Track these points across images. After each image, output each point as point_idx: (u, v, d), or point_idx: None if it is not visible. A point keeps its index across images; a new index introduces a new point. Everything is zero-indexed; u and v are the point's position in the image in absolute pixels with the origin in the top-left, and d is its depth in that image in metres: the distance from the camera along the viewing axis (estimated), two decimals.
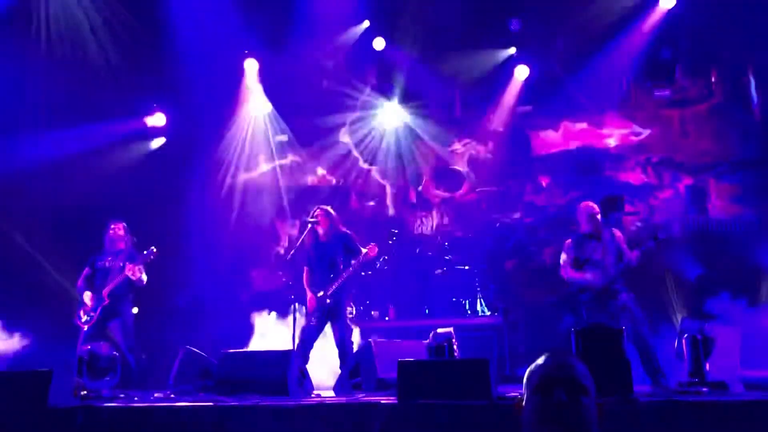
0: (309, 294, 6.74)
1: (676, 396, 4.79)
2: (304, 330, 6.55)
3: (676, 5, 9.14)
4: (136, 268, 7.11)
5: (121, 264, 7.22)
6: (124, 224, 7.51)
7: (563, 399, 2.02)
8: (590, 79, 9.63)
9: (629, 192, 9.72)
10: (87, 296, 7.15)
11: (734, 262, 8.74)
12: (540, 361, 2.13)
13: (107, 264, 7.32)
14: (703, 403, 4.53)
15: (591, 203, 6.80)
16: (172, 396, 5.67)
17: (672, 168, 9.65)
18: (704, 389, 4.94)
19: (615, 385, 4.60)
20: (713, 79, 9.51)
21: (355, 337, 6.94)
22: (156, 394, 5.95)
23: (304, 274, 6.91)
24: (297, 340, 6.38)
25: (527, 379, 2.12)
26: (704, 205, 9.54)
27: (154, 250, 7.16)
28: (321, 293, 6.65)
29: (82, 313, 7.11)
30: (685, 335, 5.22)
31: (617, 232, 6.64)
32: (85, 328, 7.02)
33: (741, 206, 9.32)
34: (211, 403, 4.90)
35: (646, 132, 9.82)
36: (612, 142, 9.95)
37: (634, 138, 9.87)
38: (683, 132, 9.56)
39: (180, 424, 4.80)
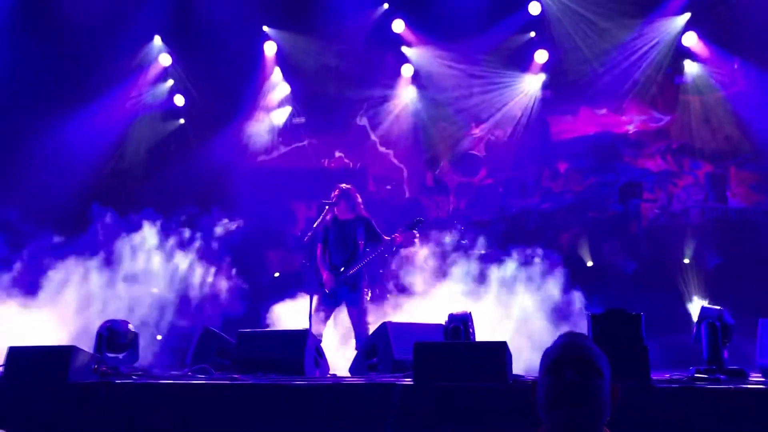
0: (324, 273, 6.75)
1: (694, 383, 4.76)
2: (317, 309, 6.56)
3: None
4: None
5: None
6: None
7: (575, 379, 1.98)
8: (610, 65, 9.54)
9: (648, 179, 9.63)
10: None
11: (753, 250, 8.66)
12: (554, 342, 2.11)
13: None
14: (720, 391, 4.51)
15: None
16: (190, 374, 5.72)
17: (691, 155, 9.55)
18: (722, 377, 4.91)
19: (632, 370, 4.57)
20: (735, 66, 9.35)
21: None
22: (173, 372, 6.01)
23: (318, 252, 6.88)
24: (311, 320, 6.40)
25: (541, 360, 2.10)
26: (724, 192, 9.44)
27: None
28: (342, 269, 6.67)
29: None
30: (704, 322, 5.18)
31: None
32: None
33: (762, 195, 9.21)
34: (227, 382, 4.94)
35: (666, 118, 9.72)
36: (631, 128, 9.85)
37: (653, 124, 9.77)
38: (704, 119, 9.43)
39: (197, 402, 4.85)
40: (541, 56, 9.96)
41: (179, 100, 10.76)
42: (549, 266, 7.44)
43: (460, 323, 5.28)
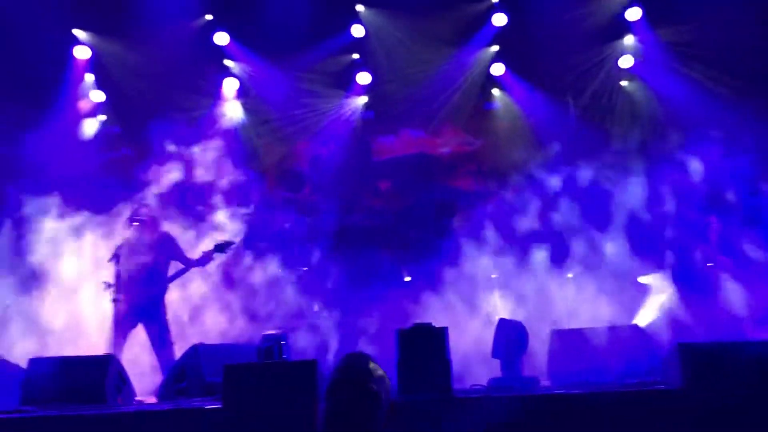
0: (122, 291, 6.43)
1: (490, 392, 5.10)
2: (116, 331, 6.26)
3: (507, 23, 9.75)
4: None
5: None
6: None
7: (342, 406, 2.00)
8: (428, 89, 10.03)
9: (461, 198, 10.20)
10: None
11: None
12: (334, 364, 2.14)
13: None
14: (513, 398, 4.86)
15: None
16: None
17: (498, 177, 10.26)
18: (516, 385, 5.30)
19: (435, 383, 4.81)
20: (536, 96, 10.20)
21: None
22: None
23: (118, 272, 6.54)
24: (110, 342, 6.10)
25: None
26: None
27: None
28: (138, 291, 6.44)
29: None
30: (502, 334, 5.56)
31: None
32: None
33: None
34: (14, 416, 4.53)
35: (478, 142, 10.41)
36: (446, 150, 10.42)
37: (466, 147, 10.42)
38: (510, 143, 10.17)
39: None
40: (363, 78, 10.26)
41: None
42: None
43: (274, 343, 5.25)
